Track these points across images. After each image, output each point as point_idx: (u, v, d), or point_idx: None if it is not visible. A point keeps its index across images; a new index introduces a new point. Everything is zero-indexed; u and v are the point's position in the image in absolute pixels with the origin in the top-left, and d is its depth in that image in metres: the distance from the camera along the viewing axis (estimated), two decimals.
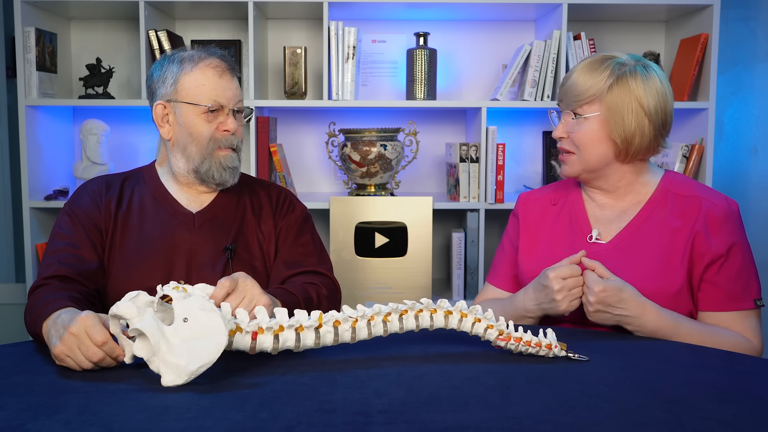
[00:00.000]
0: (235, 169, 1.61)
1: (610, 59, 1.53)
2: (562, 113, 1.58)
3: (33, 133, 2.71)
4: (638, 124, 1.50)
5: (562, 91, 1.57)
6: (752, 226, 2.93)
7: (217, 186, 1.62)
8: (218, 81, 1.57)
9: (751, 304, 1.49)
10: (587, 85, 1.51)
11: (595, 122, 1.52)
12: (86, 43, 2.99)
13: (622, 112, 1.50)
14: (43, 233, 2.78)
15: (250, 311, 1.29)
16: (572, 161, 1.57)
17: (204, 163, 1.58)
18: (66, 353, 1.17)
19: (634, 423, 0.96)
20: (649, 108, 1.50)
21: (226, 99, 1.57)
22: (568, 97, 1.55)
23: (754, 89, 3.03)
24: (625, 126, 1.50)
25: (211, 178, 1.59)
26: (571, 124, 1.55)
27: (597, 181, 1.59)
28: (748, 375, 1.18)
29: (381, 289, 2.60)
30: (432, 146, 3.01)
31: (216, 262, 1.58)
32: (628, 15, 2.86)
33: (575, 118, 1.54)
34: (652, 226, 1.53)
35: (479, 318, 1.24)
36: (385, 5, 2.72)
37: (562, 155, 1.59)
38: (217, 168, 1.59)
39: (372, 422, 0.95)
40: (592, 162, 1.55)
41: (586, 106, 1.52)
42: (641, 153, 1.54)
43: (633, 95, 1.50)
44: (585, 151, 1.54)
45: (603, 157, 1.54)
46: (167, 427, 0.94)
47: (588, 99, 1.52)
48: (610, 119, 1.50)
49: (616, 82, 1.50)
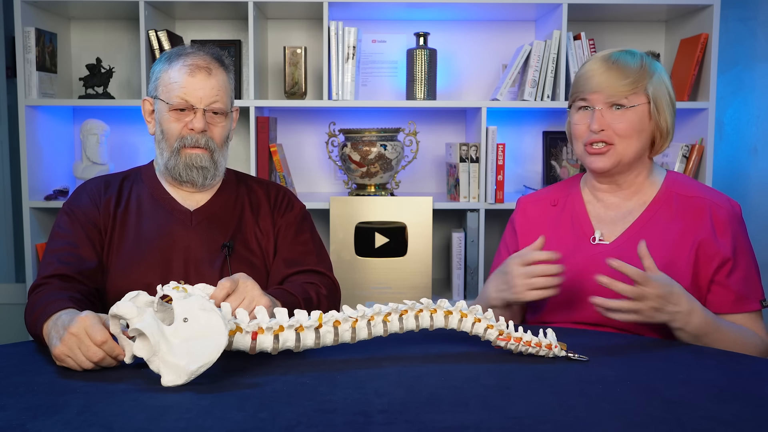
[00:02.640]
0: (204, 169, 1.59)
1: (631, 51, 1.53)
2: (592, 107, 1.52)
3: (33, 133, 2.71)
4: (671, 116, 1.52)
5: (594, 83, 1.51)
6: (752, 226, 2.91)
7: (191, 186, 1.62)
8: (189, 80, 1.55)
9: (758, 305, 1.50)
10: (630, 75, 1.48)
11: (640, 112, 1.50)
12: (86, 43, 2.99)
13: (664, 102, 1.51)
14: (43, 233, 2.78)
15: (250, 312, 1.29)
16: (610, 154, 1.52)
17: (171, 159, 1.59)
18: (66, 353, 1.17)
19: (634, 423, 0.96)
20: (674, 101, 1.53)
21: (196, 98, 1.56)
22: (608, 88, 1.49)
23: (754, 89, 3.03)
24: (666, 117, 1.51)
25: (178, 175, 1.59)
26: (611, 116, 1.51)
27: (621, 176, 1.56)
28: (748, 375, 1.18)
29: (381, 289, 2.60)
30: (432, 146, 3.01)
31: (214, 259, 1.58)
32: (628, 15, 2.86)
33: (617, 109, 1.50)
34: (656, 227, 1.52)
35: (479, 318, 1.24)
36: (385, 5, 2.71)
37: (595, 148, 1.53)
38: (183, 166, 1.58)
39: (372, 422, 0.95)
40: (629, 154, 1.52)
41: (631, 96, 1.49)
42: (663, 148, 1.54)
43: (665, 86, 1.51)
44: (626, 143, 1.50)
45: (641, 150, 1.53)
46: (167, 427, 0.94)
47: (633, 89, 1.49)
48: (654, 109, 1.50)
49: (653, 73, 1.50)
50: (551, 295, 1.45)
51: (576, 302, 1.53)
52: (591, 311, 1.51)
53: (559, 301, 1.55)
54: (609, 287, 1.33)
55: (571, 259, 1.55)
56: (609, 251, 1.53)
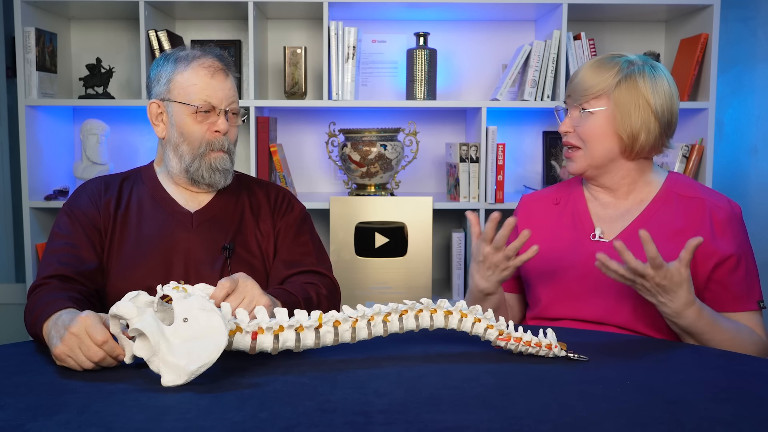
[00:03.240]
0: (226, 171, 1.60)
1: (619, 57, 1.56)
2: (569, 109, 1.59)
3: (33, 133, 2.71)
4: (644, 122, 1.51)
5: (571, 86, 1.59)
6: (752, 226, 2.92)
7: (208, 187, 1.62)
8: (209, 81, 1.56)
9: (755, 305, 1.50)
10: (595, 81, 1.53)
11: (601, 117, 1.53)
12: (86, 43, 2.99)
13: (629, 109, 1.51)
14: (43, 233, 2.78)
15: (250, 312, 1.29)
16: (578, 156, 1.58)
17: (194, 163, 1.58)
18: (67, 353, 1.17)
19: (634, 423, 0.96)
20: (656, 107, 1.52)
21: (218, 99, 1.56)
22: (576, 92, 1.56)
23: (754, 89, 3.03)
24: (632, 122, 1.52)
25: (201, 178, 1.59)
26: (577, 119, 1.56)
27: (601, 177, 1.59)
28: (748, 375, 1.18)
29: (381, 289, 2.60)
30: (432, 146, 3.01)
31: (214, 261, 1.58)
32: (628, 15, 2.86)
33: (582, 113, 1.55)
34: (655, 226, 1.53)
35: (479, 318, 1.24)
36: (385, 5, 2.72)
37: (568, 152, 1.60)
38: (207, 169, 1.58)
39: (372, 422, 0.95)
40: (597, 157, 1.55)
41: (593, 100, 1.54)
42: (646, 151, 1.55)
43: (640, 93, 1.51)
44: (591, 145, 1.55)
45: (609, 152, 1.55)
46: (167, 427, 0.94)
47: (595, 94, 1.53)
48: (617, 115, 1.52)
49: (625, 80, 1.52)
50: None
51: (576, 298, 1.54)
52: (591, 307, 1.52)
53: (559, 296, 1.56)
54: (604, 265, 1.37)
55: (571, 256, 1.57)
56: (608, 248, 1.53)
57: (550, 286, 1.58)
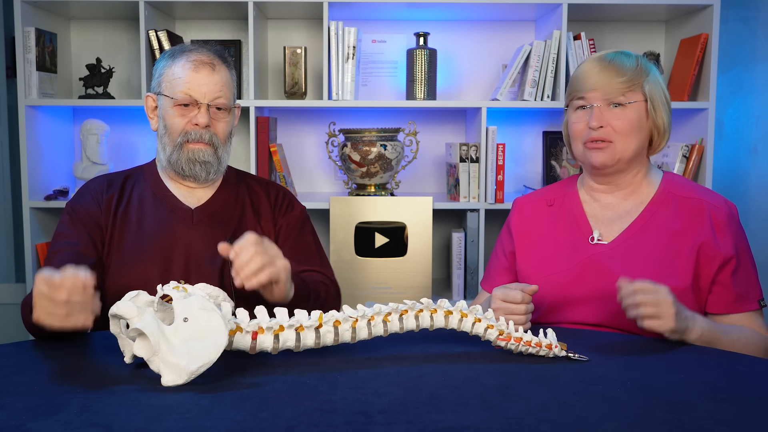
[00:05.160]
0: (207, 164, 1.60)
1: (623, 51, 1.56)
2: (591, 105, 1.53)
3: (33, 133, 2.71)
4: (668, 115, 1.54)
5: (591, 82, 1.52)
6: (752, 226, 2.93)
7: (194, 180, 1.62)
8: (193, 75, 1.57)
9: (756, 305, 1.50)
10: (626, 73, 1.50)
11: (638, 109, 1.52)
12: (86, 43, 2.99)
13: (660, 100, 1.53)
14: (43, 233, 2.78)
15: (269, 266, 1.30)
16: (611, 149, 1.52)
17: (173, 153, 1.59)
18: (43, 310, 1.16)
19: (634, 423, 0.96)
20: (669, 100, 1.54)
21: (200, 93, 1.57)
22: (606, 86, 1.51)
23: (754, 89, 3.03)
24: (663, 115, 1.53)
25: (181, 170, 1.60)
26: (609, 114, 1.52)
27: (620, 175, 1.57)
28: (748, 375, 1.18)
29: (381, 289, 2.60)
30: (432, 146, 3.01)
31: (215, 258, 1.58)
32: (628, 15, 2.86)
33: (616, 107, 1.51)
34: (654, 227, 1.53)
35: (479, 318, 1.24)
36: (385, 5, 2.71)
37: (596, 143, 1.53)
38: (186, 161, 1.59)
39: (372, 422, 0.95)
40: (629, 151, 1.53)
41: (629, 93, 1.51)
42: (661, 146, 1.56)
43: (660, 86, 1.53)
44: (626, 140, 1.52)
45: (640, 147, 1.54)
46: (167, 427, 0.94)
47: (630, 87, 1.50)
48: (652, 107, 1.52)
49: (648, 71, 1.53)
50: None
51: (575, 302, 1.53)
52: (590, 311, 1.52)
53: (558, 300, 1.55)
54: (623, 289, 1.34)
55: (570, 259, 1.55)
56: (607, 251, 1.53)
57: (549, 292, 1.56)
